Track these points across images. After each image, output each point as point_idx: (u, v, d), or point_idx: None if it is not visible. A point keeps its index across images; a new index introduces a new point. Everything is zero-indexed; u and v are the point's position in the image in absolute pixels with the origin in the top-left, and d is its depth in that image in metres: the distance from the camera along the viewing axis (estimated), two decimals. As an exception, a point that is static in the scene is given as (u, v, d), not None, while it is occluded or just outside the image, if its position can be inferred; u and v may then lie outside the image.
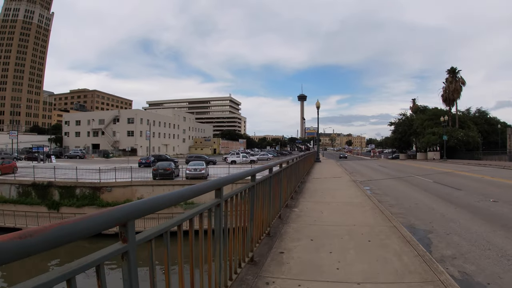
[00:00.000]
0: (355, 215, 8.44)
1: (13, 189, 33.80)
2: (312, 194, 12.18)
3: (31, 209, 30.94)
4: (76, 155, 78.05)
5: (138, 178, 32.85)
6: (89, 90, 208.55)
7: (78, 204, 30.89)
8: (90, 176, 33.27)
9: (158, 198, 2.33)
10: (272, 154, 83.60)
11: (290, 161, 9.92)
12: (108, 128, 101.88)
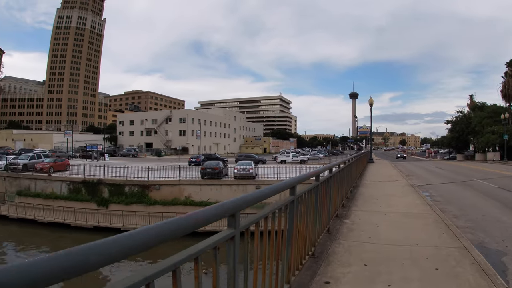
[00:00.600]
0: (417, 230, 7.12)
1: (64, 186, 35.04)
2: (365, 202, 10.92)
3: (80, 205, 31.83)
4: (130, 153, 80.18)
5: (186, 177, 32.84)
6: (143, 92, 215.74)
7: (126, 202, 31.39)
8: (140, 175, 33.50)
9: (254, 194, 2.91)
10: (322, 154, 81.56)
11: (341, 164, 8.76)
12: (161, 127, 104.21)
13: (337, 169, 7.66)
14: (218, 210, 2.22)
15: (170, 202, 30.57)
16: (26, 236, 29.48)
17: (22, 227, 31.27)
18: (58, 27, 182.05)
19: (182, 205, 29.99)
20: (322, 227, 5.83)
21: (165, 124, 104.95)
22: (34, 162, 40.86)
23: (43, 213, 31.65)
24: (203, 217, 1.99)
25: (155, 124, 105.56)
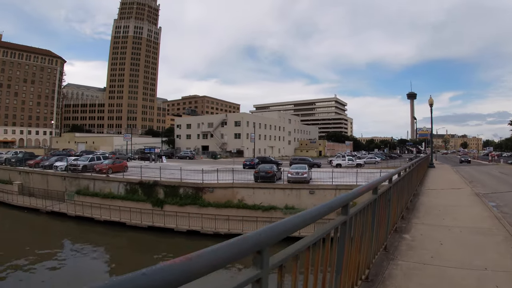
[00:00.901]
0: (486, 250, 6.19)
1: (121, 186, 36.38)
2: (427, 213, 10.01)
3: (136, 205, 32.95)
4: (186, 156, 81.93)
5: (239, 180, 32.90)
6: (199, 96, 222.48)
7: (181, 203, 32.00)
8: (194, 177, 34.13)
9: (289, 221, 2.21)
10: (379, 157, 78.85)
11: (402, 172, 8.04)
12: (217, 131, 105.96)
13: (397, 177, 6.99)
14: (236, 247, 1.69)
15: (223, 204, 30.77)
16: (83, 233, 30.86)
17: (79, 224, 32.86)
18: (116, 37, 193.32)
19: (235, 208, 30.19)
20: (378, 245, 5.26)
21: (220, 127, 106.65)
22: (93, 164, 42.71)
23: (100, 211, 33.12)
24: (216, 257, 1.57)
25: (211, 128, 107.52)
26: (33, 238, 30.39)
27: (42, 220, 35.49)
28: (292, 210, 28.54)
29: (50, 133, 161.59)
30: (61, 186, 41.22)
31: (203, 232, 27.73)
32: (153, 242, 27.87)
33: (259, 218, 27.90)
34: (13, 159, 53.67)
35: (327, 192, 29.42)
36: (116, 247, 28.07)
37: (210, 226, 27.93)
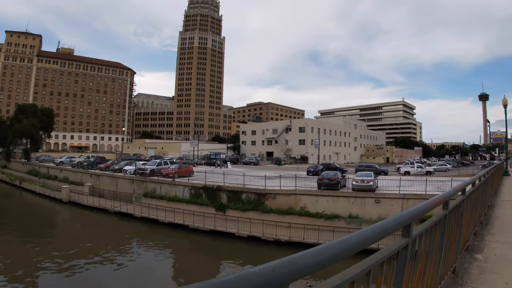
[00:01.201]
0: None
1: (186, 190, 37.30)
2: (503, 229, 8.72)
3: (200, 209, 33.50)
4: (251, 161, 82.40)
5: (302, 187, 32.07)
6: (264, 103, 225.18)
7: (243, 208, 31.88)
8: (257, 183, 34.06)
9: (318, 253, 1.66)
10: (451, 164, 74.30)
11: (477, 181, 7.07)
12: (281, 137, 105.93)
13: (471, 188, 6.19)
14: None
15: (285, 211, 30.15)
16: (149, 233, 32.47)
17: (145, 225, 34.47)
18: (182, 48, 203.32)
19: (297, 215, 29.40)
20: (446, 268, 4.57)
21: (285, 133, 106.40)
22: (160, 168, 44.57)
23: (164, 213, 34.37)
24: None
25: (275, 134, 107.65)
26: (103, 236, 32.63)
27: (110, 220, 37.80)
28: (356, 219, 27.42)
29: (122, 139, 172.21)
30: (129, 188, 43.51)
31: (263, 239, 27.38)
32: (215, 246, 28.18)
33: (321, 226, 26.80)
34: (85, 163, 57.59)
35: (394, 201, 27.90)
36: (180, 249, 28.84)
37: (271, 233, 27.53)
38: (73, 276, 21.90)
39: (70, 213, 42.96)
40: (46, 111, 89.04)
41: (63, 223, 39.89)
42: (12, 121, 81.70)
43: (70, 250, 26.50)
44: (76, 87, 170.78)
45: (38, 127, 78.19)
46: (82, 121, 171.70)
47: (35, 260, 24.39)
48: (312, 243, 24.20)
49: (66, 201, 46.31)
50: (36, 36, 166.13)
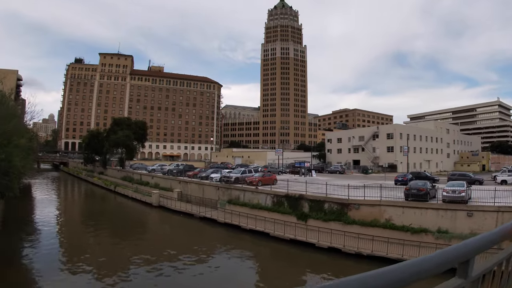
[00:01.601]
0: None
1: (268, 198, 37.21)
2: None
3: (281, 217, 32.98)
4: (336, 170, 80.00)
5: (388, 198, 29.98)
6: (349, 110, 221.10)
7: (325, 218, 30.69)
8: (340, 192, 32.37)
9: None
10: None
11: None
12: (368, 144, 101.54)
13: None
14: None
15: (369, 223, 28.29)
16: (230, 238, 33.11)
17: (227, 230, 35.10)
18: (265, 59, 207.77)
19: (381, 228, 27.46)
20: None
21: (372, 140, 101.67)
22: (244, 176, 45.14)
23: (246, 220, 34.50)
24: None
25: (362, 141, 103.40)
26: (189, 239, 34.24)
27: (195, 224, 39.38)
28: (445, 234, 24.77)
29: (211, 149, 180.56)
30: (214, 195, 45.00)
31: (344, 251, 25.98)
32: (295, 255, 27.47)
33: (406, 241, 24.58)
34: (175, 170, 61.25)
35: (488, 215, 24.91)
36: (261, 256, 28.69)
37: (352, 245, 25.99)
38: (160, 276, 23.12)
39: (159, 217, 46.01)
40: (140, 124, 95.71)
41: (153, 226, 42.89)
42: (109, 133, 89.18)
43: (159, 251, 28.48)
44: (168, 101, 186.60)
45: (132, 138, 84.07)
46: (174, 132, 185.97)
47: (128, 258, 26.63)
48: (395, 258, 22.63)
49: (156, 205, 49.71)
50: (128, 57, 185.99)
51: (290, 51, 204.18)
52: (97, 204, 59.01)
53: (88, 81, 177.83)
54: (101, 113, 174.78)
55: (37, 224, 39.20)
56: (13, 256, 26.84)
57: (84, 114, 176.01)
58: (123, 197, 61.21)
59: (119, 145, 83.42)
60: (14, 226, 36.74)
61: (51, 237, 32.90)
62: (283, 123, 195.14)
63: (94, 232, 36.12)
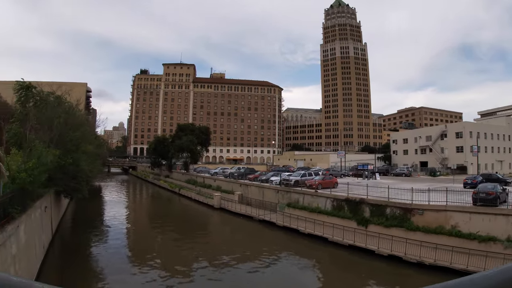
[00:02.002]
0: None
1: (328, 202, 36.68)
2: None
3: (341, 222, 32.12)
4: (402, 173, 77.08)
5: (454, 202, 27.60)
6: (416, 108, 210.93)
7: (386, 224, 29.24)
8: (404, 196, 30.53)
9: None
10: None
11: None
12: (436, 144, 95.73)
13: None
14: None
15: (433, 230, 26.25)
16: (289, 242, 32.87)
17: (285, 234, 34.97)
18: (325, 60, 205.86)
19: (446, 236, 25.28)
20: None
21: (440, 140, 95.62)
22: (304, 179, 44.89)
23: (305, 224, 33.97)
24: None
25: (429, 141, 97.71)
26: (248, 242, 34.98)
27: (254, 227, 39.90)
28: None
29: (273, 152, 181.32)
30: (274, 198, 45.25)
31: (405, 259, 24.42)
32: (354, 264, 26.46)
33: (471, 250, 22.31)
34: (236, 174, 63.40)
35: None
36: (320, 261, 27.87)
37: (414, 254, 24.34)
38: (222, 276, 23.82)
39: (220, 218, 47.18)
40: (203, 129, 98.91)
41: (214, 227, 44.16)
42: (174, 138, 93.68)
43: (219, 253, 29.24)
44: (230, 107, 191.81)
45: (195, 142, 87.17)
46: (237, 136, 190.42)
47: (189, 259, 27.79)
48: (459, 269, 21.06)
49: (217, 207, 51.03)
50: (190, 66, 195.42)
51: (350, 50, 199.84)
52: (162, 205, 62.83)
53: (154, 90, 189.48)
54: (167, 120, 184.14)
55: (106, 223, 42.15)
56: (83, 252, 28.72)
57: (151, 121, 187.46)
58: (187, 199, 63.62)
59: (183, 150, 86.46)
60: (85, 224, 40.21)
61: (118, 236, 35.19)
62: (346, 125, 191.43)
63: (159, 232, 38.36)
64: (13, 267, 16.49)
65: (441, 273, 21.30)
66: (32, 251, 21.56)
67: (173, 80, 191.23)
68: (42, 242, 25.46)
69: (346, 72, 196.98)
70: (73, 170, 31.95)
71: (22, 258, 18.37)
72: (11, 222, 16.69)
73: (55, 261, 26.55)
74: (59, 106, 34.62)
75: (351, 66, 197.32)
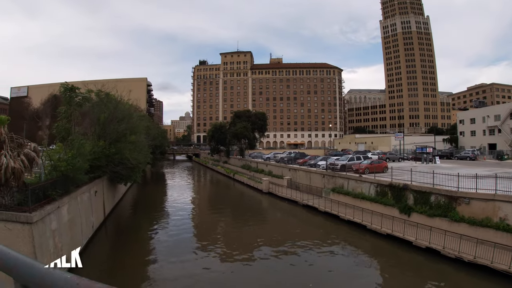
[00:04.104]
0: None
1: (372, 187, 35.63)
2: None
3: (384, 209, 31.50)
4: (467, 156, 71.80)
5: (506, 191, 23.97)
6: (486, 85, 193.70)
7: (429, 213, 27.42)
8: (452, 183, 27.72)
9: None
10: None
11: None
12: (505, 124, 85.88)
13: None
14: None
15: (479, 222, 23.60)
16: (329, 227, 33.07)
17: (326, 219, 35.25)
18: (386, 37, 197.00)
19: (493, 229, 22.66)
20: None
21: (509, 120, 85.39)
22: (351, 163, 43.87)
23: (345, 210, 33.66)
24: None
25: (497, 121, 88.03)
26: (290, 226, 35.30)
27: (299, 211, 40.77)
28: None
29: (335, 135, 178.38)
30: (320, 183, 45.34)
31: (443, 253, 22.53)
32: (393, 253, 25.15)
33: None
34: (286, 158, 63.53)
35: None
36: (363, 251, 26.37)
37: (453, 248, 22.20)
38: (279, 261, 24.29)
39: (269, 203, 48.19)
40: (259, 115, 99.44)
41: (260, 211, 44.68)
42: (230, 126, 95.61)
43: (265, 237, 30.64)
44: (289, 91, 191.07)
45: (249, 129, 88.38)
46: (297, 121, 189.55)
47: (247, 241, 29.37)
48: (501, 269, 18.98)
49: (266, 192, 52.58)
50: (247, 53, 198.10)
51: (412, 24, 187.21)
52: (216, 189, 67.49)
53: (213, 80, 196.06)
54: (228, 108, 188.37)
55: (162, 207, 45.80)
56: (134, 233, 31.61)
57: (212, 110, 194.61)
58: (240, 183, 66.40)
59: (238, 136, 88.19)
60: (142, 208, 45.36)
61: (171, 220, 37.29)
62: (411, 105, 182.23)
63: (208, 215, 41.93)
64: (52, 240, 19.23)
65: (481, 272, 19.77)
66: (78, 229, 24.72)
67: (231, 68, 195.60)
68: (91, 222, 28.72)
69: (409, 49, 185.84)
70: (118, 158, 34.52)
71: (64, 233, 21.32)
72: (51, 202, 19.70)
73: (103, 239, 29.39)
74: (104, 102, 37.21)
75: (414, 42, 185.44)
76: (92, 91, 38.61)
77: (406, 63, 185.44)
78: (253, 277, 21.86)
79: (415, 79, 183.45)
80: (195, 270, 22.19)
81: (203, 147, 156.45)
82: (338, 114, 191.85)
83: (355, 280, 21.30)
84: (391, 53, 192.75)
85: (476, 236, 22.28)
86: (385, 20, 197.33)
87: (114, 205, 41.45)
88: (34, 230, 16.76)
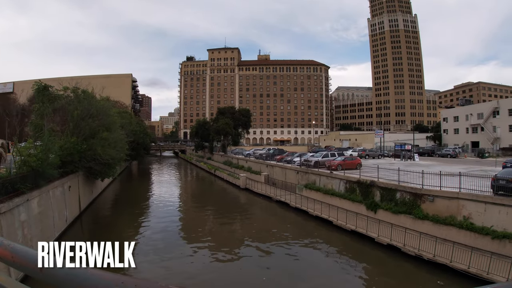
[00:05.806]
0: None
1: (341, 184, 36.01)
2: None
3: (352, 206, 32.06)
4: (447, 153, 72.23)
5: (470, 189, 23.43)
6: (473, 83, 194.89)
7: (394, 210, 27.34)
8: (415, 180, 27.75)
9: None
10: None
11: None
12: (487, 122, 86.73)
13: None
14: None
15: (443, 220, 23.34)
16: (298, 223, 33.64)
17: (297, 215, 36.00)
18: (373, 35, 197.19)
19: (456, 228, 22.29)
20: None
21: (491, 118, 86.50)
22: (325, 160, 44.32)
23: (313, 206, 34.65)
24: None
25: (480, 119, 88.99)
26: (263, 221, 36.59)
27: (272, 207, 41.50)
28: None
29: (321, 132, 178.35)
30: (294, 179, 45.81)
31: (404, 251, 22.52)
32: (355, 250, 25.23)
33: (476, 249, 19.42)
34: (264, 155, 65.08)
35: None
36: (328, 246, 26.46)
37: (413, 245, 22.23)
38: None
39: (246, 198, 48.56)
40: (243, 111, 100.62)
41: (236, 206, 44.82)
42: (213, 122, 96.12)
43: (240, 231, 32.35)
44: (275, 88, 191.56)
45: (231, 125, 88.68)
46: (284, 118, 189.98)
47: (229, 235, 30.60)
48: (460, 269, 18.75)
49: (243, 188, 53.36)
50: (234, 49, 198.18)
51: (399, 22, 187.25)
52: (198, 186, 68.95)
53: (200, 76, 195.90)
54: (214, 104, 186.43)
55: (142, 203, 46.16)
56: (110, 228, 31.99)
57: (199, 106, 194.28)
58: (220, 179, 67.41)
59: (220, 133, 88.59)
60: (122, 203, 46.01)
61: (149, 214, 38.77)
62: (397, 102, 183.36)
63: (186, 211, 43.07)
64: (21, 231, 20.29)
65: (440, 271, 19.69)
66: (50, 221, 25.71)
67: (218, 64, 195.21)
68: (64, 216, 29.53)
69: (396, 47, 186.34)
70: (91, 154, 34.84)
71: (33, 225, 22.18)
72: (20, 196, 20.61)
73: (77, 233, 30.03)
74: (79, 99, 37.87)
75: (401, 40, 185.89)
76: (68, 88, 38.83)
77: (393, 61, 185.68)
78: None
79: (401, 77, 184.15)
80: (173, 267, 22.67)
81: (190, 143, 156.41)
82: (324, 111, 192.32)
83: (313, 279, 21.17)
84: (378, 51, 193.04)
85: (439, 234, 22.15)
86: (373, 18, 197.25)
87: (92, 200, 42.16)
88: (2, 220, 17.93)
